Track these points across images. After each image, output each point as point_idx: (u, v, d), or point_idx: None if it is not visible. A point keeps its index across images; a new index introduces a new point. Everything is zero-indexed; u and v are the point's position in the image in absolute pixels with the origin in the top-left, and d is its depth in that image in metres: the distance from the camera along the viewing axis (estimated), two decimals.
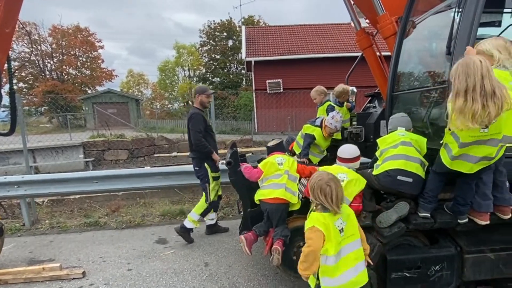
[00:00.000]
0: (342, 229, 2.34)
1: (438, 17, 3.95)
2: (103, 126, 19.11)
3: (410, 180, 2.92)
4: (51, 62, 34.15)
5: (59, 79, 33.31)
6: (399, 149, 3.04)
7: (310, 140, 4.44)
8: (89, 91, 35.18)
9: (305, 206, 3.43)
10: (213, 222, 5.37)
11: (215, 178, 5.07)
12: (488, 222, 2.82)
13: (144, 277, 4.09)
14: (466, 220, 2.89)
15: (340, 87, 5.35)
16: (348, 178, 3.00)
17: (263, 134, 19.08)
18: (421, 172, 2.97)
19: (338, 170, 3.09)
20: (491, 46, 2.67)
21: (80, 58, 36.03)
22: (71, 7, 77.99)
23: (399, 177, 2.93)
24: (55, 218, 6.51)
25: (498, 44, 2.68)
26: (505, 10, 4.13)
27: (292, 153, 4.57)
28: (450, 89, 2.52)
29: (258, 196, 3.49)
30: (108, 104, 27.60)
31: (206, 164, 4.96)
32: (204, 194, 5.05)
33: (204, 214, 5.07)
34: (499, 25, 4.20)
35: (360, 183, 3.04)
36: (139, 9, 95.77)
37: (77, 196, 7.04)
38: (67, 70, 35.03)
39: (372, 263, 2.64)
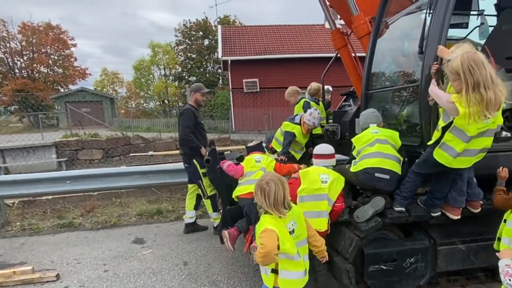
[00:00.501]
0: (293, 230, 2.30)
1: (410, 18, 4.04)
2: (76, 126, 18.45)
3: (387, 177, 2.97)
4: (21, 60, 32.64)
5: (29, 78, 31.88)
6: (376, 147, 3.08)
7: (291, 138, 4.43)
8: (62, 90, 33.90)
9: None
10: (192, 220, 5.30)
11: (205, 174, 4.98)
12: (459, 217, 2.91)
13: (121, 278, 3.97)
14: (439, 213, 2.97)
15: (315, 85, 5.40)
16: (331, 179, 2.98)
17: (241, 132, 19.02)
18: (397, 169, 3.03)
19: (318, 171, 3.07)
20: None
21: (52, 56, 34.60)
22: (42, 4, 75.04)
23: (376, 174, 2.97)
24: (26, 220, 6.22)
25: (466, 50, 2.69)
26: (471, 12, 4.30)
27: (273, 151, 4.55)
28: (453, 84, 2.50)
29: (236, 193, 3.53)
30: (82, 103, 26.70)
31: (195, 161, 4.88)
32: (200, 191, 5.07)
33: (215, 208, 5.00)
34: (466, 27, 4.34)
35: (341, 181, 3.04)
36: (113, 7, 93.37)
37: (49, 197, 6.76)
38: (38, 68, 33.59)
39: (327, 259, 2.67)
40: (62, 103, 27.12)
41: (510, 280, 1.83)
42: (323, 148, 3.28)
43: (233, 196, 3.51)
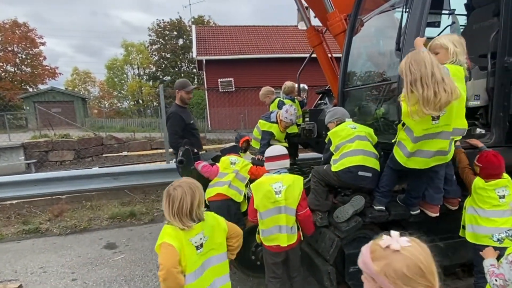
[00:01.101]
0: (201, 244, 1.94)
1: (385, 15, 3.98)
2: (46, 126, 17.58)
3: (370, 175, 2.87)
4: None
5: None
6: (356, 143, 2.96)
7: (269, 138, 4.30)
8: (31, 90, 32.35)
9: None
10: None
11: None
12: (438, 214, 2.84)
13: (91, 286, 3.70)
14: (418, 211, 2.89)
15: (289, 83, 5.29)
16: (285, 186, 2.70)
17: (217, 132, 18.73)
18: (377, 166, 2.94)
19: (270, 181, 2.76)
20: (447, 40, 2.64)
21: (19, 55, 33.02)
22: (8, 2, 71.27)
23: (360, 173, 2.85)
24: None
25: (453, 39, 2.67)
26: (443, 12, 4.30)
27: (245, 149, 4.33)
28: (402, 84, 2.46)
29: (206, 195, 3.25)
30: (52, 103, 25.46)
31: None
32: None
33: None
34: (439, 26, 4.33)
35: (298, 183, 2.77)
36: (83, 6, 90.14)
37: (14, 202, 6.29)
38: (4, 67, 31.95)
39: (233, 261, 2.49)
40: (31, 103, 25.78)
41: (496, 280, 1.75)
42: (273, 149, 2.96)
43: (206, 200, 3.29)
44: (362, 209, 2.87)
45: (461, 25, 4.24)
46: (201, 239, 1.95)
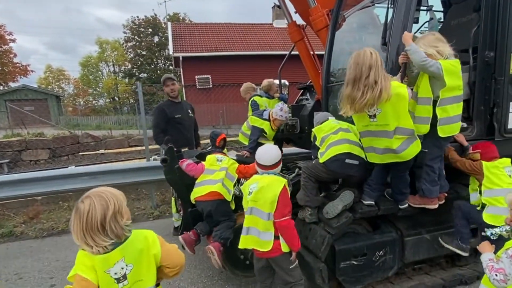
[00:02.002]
0: (124, 276, 1.52)
1: (366, 11, 3.90)
2: (19, 125, 16.64)
3: (357, 162, 2.79)
4: None
5: None
6: (340, 134, 2.90)
7: (259, 134, 4.17)
8: (1, 88, 30.60)
9: None
10: (178, 223, 4.73)
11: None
12: (437, 206, 2.80)
13: None
14: (406, 205, 2.83)
15: (266, 81, 5.15)
16: (257, 188, 2.41)
17: None
18: (364, 155, 2.85)
19: (251, 181, 2.56)
20: (425, 47, 2.52)
21: None
22: None
23: (347, 161, 2.77)
24: None
25: (428, 42, 2.57)
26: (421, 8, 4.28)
27: (222, 147, 4.12)
28: None
29: (193, 195, 3.10)
30: (24, 101, 24.19)
31: None
32: None
33: (178, 209, 4.44)
34: (417, 22, 4.30)
35: (274, 186, 2.39)
36: (55, 3, 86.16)
37: None
38: None
39: None
40: (2, 102, 24.35)
41: (496, 275, 1.68)
42: (267, 156, 2.56)
43: (191, 199, 3.10)
44: (352, 204, 2.77)
45: (438, 21, 4.24)
46: (122, 268, 1.51)
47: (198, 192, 3.05)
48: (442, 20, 4.34)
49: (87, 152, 13.92)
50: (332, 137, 2.93)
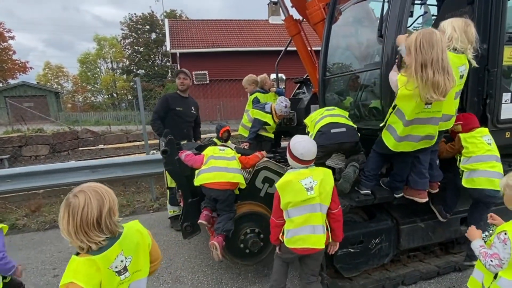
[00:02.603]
0: (124, 268, 1.50)
1: (362, 4, 3.88)
2: (18, 121, 16.47)
3: (343, 129, 2.78)
4: None
5: None
6: (325, 114, 2.95)
7: (260, 126, 4.21)
8: (0, 85, 30.25)
9: (249, 191, 3.11)
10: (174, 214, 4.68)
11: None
12: (427, 199, 2.77)
13: None
14: (402, 194, 2.84)
15: (259, 77, 5.14)
16: (316, 181, 2.21)
17: None
18: (350, 123, 2.86)
19: (298, 177, 2.24)
20: (448, 24, 2.50)
21: None
22: None
23: (332, 130, 2.77)
24: None
25: (456, 24, 2.50)
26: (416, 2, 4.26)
27: (225, 139, 4.12)
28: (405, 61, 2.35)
29: (203, 179, 2.89)
30: (24, 97, 23.92)
31: None
32: None
33: (172, 201, 4.37)
34: (412, 15, 4.28)
35: (329, 176, 2.29)
36: (53, 1, 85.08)
37: None
38: None
39: None
40: (2, 98, 24.06)
41: (491, 261, 1.69)
42: (309, 151, 2.28)
43: (196, 183, 2.97)
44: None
45: (433, 15, 4.23)
46: (122, 261, 1.49)
47: (210, 178, 2.87)
48: (437, 14, 4.33)
49: (86, 147, 13.83)
50: (318, 117, 2.98)
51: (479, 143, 2.67)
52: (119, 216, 1.55)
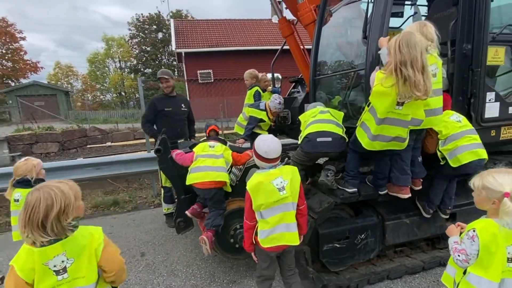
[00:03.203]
0: (64, 269, 1.46)
1: (352, 6, 3.88)
2: (29, 120, 16.72)
3: (329, 139, 2.74)
4: None
5: None
6: (317, 116, 2.94)
7: (255, 123, 4.27)
8: (13, 84, 30.59)
9: (240, 188, 3.16)
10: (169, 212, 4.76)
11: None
12: (409, 195, 2.77)
13: None
14: (386, 191, 2.85)
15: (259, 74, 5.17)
16: (287, 181, 2.20)
17: (198, 121, 18.17)
18: (338, 131, 2.82)
19: (269, 177, 2.21)
20: (404, 30, 2.54)
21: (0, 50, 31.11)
22: None
23: (318, 139, 2.75)
24: None
25: (411, 27, 2.56)
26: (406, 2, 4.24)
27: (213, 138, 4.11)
28: (380, 61, 2.47)
29: (191, 179, 2.96)
30: (35, 96, 24.24)
31: None
32: None
33: (166, 199, 4.38)
34: (402, 16, 4.27)
35: (297, 174, 2.29)
36: (63, 2, 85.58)
37: None
38: None
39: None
40: (14, 97, 24.40)
41: (459, 256, 1.72)
42: (274, 150, 2.25)
43: (187, 183, 3.04)
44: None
45: (422, 15, 4.20)
46: (63, 261, 1.45)
47: (197, 178, 2.92)
48: (426, 14, 4.31)
49: (94, 145, 14.00)
50: (309, 120, 2.97)
51: (450, 123, 2.72)
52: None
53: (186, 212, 3.13)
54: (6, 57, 31.62)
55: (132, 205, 5.69)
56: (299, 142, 2.91)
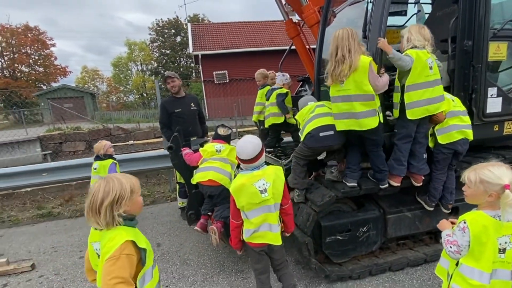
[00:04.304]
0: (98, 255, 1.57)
1: (355, 7, 3.84)
2: (59, 120, 17.29)
3: (332, 132, 2.73)
4: (2, 61, 30.13)
5: (12, 77, 29.55)
6: (315, 111, 2.93)
7: (283, 98, 4.32)
8: (44, 88, 31.61)
9: None
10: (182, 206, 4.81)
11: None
12: (399, 184, 2.78)
13: None
14: (387, 185, 2.82)
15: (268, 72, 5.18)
16: (269, 183, 2.15)
17: (214, 120, 18.40)
18: None
19: (251, 180, 2.16)
20: (406, 30, 2.68)
21: (32, 56, 32.08)
22: (20, 7, 68.94)
23: (321, 134, 2.74)
24: (6, 212, 5.65)
25: (412, 28, 2.66)
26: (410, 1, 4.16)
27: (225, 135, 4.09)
28: None
29: (196, 178, 3.12)
30: (64, 99, 24.98)
31: None
32: None
33: (181, 194, 4.46)
34: (405, 14, 4.19)
35: (280, 175, 2.25)
36: (90, 9, 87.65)
37: (29, 189, 6.18)
38: (19, 68, 31.13)
39: None
40: (45, 100, 25.26)
41: (451, 247, 1.70)
42: (244, 151, 2.20)
43: (193, 182, 3.17)
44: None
45: (426, 13, 4.11)
46: (97, 249, 1.61)
47: (202, 177, 3.05)
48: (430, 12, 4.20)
49: (118, 143, 14.33)
50: (308, 116, 2.95)
51: (446, 100, 2.71)
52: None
53: (196, 228, 3.13)
54: (39, 63, 32.61)
55: (151, 199, 5.83)
56: (301, 139, 2.91)
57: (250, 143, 2.23)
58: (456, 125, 2.68)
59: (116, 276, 1.37)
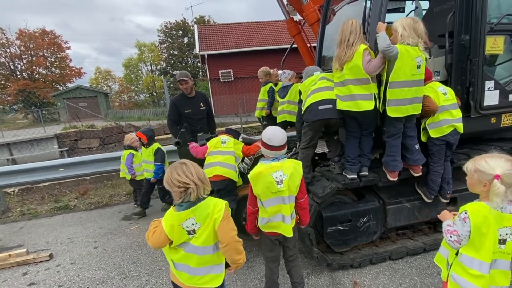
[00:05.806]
0: (194, 230, 1.65)
1: (354, 5, 3.74)
2: (74, 119, 17.41)
3: (330, 106, 2.64)
4: (21, 63, 30.28)
5: (30, 79, 29.73)
6: (317, 84, 2.80)
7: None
8: (60, 88, 31.78)
9: None
10: None
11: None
12: (395, 179, 2.72)
13: (110, 252, 3.64)
14: (366, 173, 2.77)
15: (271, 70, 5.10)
16: (286, 175, 2.10)
17: (220, 117, 18.43)
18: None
19: (269, 170, 2.12)
20: (399, 24, 2.49)
21: (49, 59, 32.18)
22: (36, 12, 69.27)
23: (320, 107, 2.65)
24: (26, 206, 5.70)
25: (405, 22, 2.47)
26: None
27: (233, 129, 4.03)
28: None
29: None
30: (79, 98, 25.16)
31: None
32: None
33: None
34: (403, 11, 4.08)
35: (299, 169, 2.17)
36: (102, 14, 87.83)
37: (47, 183, 6.21)
38: (37, 70, 31.28)
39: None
40: (61, 100, 25.43)
41: (451, 237, 1.64)
42: (276, 137, 2.15)
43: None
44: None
45: (423, 9, 4.00)
46: (193, 224, 1.69)
47: (209, 173, 2.90)
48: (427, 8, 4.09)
49: None
50: (310, 89, 2.83)
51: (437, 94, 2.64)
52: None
53: None
54: (55, 65, 32.73)
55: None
56: (302, 112, 2.83)
57: (280, 131, 2.21)
58: (447, 120, 2.61)
59: (234, 228, 1.72)
